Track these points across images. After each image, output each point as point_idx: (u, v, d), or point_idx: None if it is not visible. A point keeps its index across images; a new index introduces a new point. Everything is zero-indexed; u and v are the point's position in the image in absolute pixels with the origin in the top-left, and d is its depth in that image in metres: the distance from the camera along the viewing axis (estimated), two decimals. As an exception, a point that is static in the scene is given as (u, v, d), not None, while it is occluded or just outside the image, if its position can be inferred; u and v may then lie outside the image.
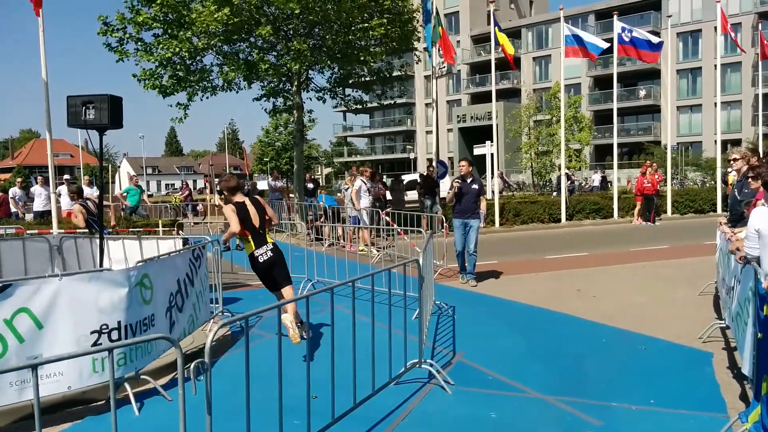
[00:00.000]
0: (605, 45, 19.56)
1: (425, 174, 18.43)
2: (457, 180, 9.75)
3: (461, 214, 9.70)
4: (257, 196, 6.65)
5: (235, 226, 6.11)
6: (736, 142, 40.75)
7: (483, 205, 10.01)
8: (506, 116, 40.59)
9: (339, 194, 16.62)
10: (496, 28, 18.25)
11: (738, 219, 7.17)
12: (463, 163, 9.92)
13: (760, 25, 25.35)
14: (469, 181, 9.75)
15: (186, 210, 25.15)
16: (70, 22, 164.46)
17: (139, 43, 16.01)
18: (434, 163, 18.51)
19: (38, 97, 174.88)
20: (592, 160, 48.02)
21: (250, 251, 6.26)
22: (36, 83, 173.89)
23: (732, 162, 8.20)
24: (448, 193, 9.90)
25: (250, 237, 6.22)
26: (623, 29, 20.38)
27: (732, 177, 12.18)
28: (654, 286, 9.50)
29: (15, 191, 17.42)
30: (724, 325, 6.39)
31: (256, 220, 6.25)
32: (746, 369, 4.46)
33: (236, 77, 16.45)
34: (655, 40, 20.32)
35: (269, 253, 6.27)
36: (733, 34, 22.75)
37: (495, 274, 10.92)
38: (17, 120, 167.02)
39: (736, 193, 7.53)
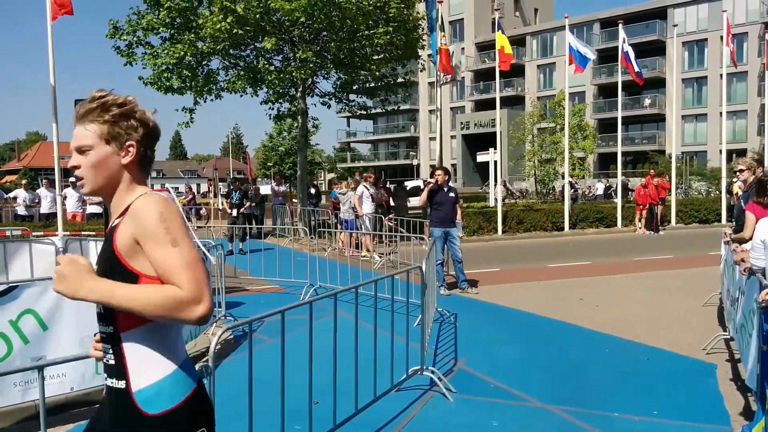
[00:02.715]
0: (592, 56, 19.61)
1: (428, 180, 18.43)
2: (428, 182, 9.73)
3: (441, 223, 9.65)
4: None
5: None
6: (742, 152, 40.65)
7: (459, 214, 10.04)
8: (510, 124, 40.59)
9: (334, 199, 16.65)
10: (499, 31, 18.25)
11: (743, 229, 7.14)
12: (439, 172, 9.89)
13: (766, 35, 25.29)
14: (446, 189, 9.75)
15: (190, 214, 25.20)
16: (78, 24, 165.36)
17: (147, 47, 16.14)
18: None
19: (45, 100, 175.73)
20: (596, 169, 47.98)
21: None
22: (43, 85, 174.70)
23: (738, 173, 8.18)
24: (423, 189, 9.88)
25: None
26: (624, 40, 20.45)
27: (737, 187, 12.16)
28: (657, 296, 9.48)
29: (19, 192, 17.21)
30: (728, 337, 6.37)
31: None
32: (750, 381, 4.44)
33: (242, 86, 16.50)
34: (636, 68, 20.48)
35: None
36: (732, 46, 22.66)
37: (497, 281, 10.91)
38: (24, 122, 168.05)
39: (742, 204, 7.51)
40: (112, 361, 1.91)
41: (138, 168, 1.98)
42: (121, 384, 1.87)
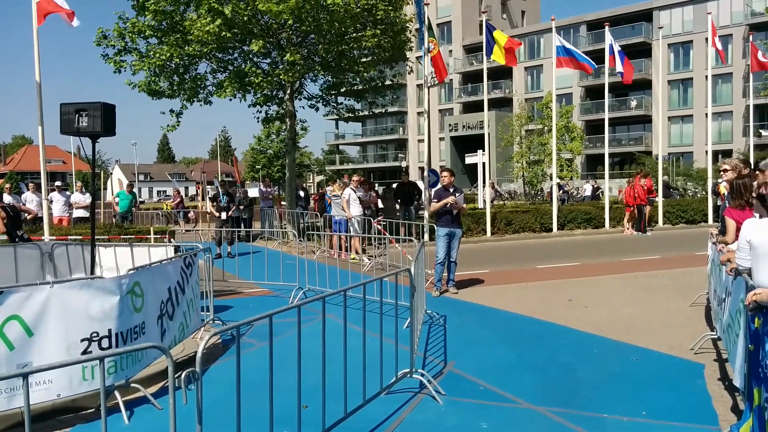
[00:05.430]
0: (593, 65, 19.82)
1: (402, 181, 18.32)
2: (442, 190, 9.96)
3: (447, 223, 9.85)
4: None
5: None
6: (727, 153, 41.04)
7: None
8: (498, 125, 40.79)
9: (328, 198, 16.59)
10: (497, 30, 18.29)
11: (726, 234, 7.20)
12: (445, 174, 10.20)
13: (750, 37, 25.54)
14: (452, 191, 9.96)
15: (177, 217, 25.07)
16: (64, 27, 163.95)
17: (135, 53, 16.03)
18: (426, 172, 18.54)
19: (31, 103, 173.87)
20: (583, 170, 48.24)
21: None
22: (29, 89, 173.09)
23: (722, 173, 8.25)
24: (434, 201, 10.01)
25: None
26: (613, 41, 20.59)
27: (723, 187, 12.25)
28: (645, 296, 9.53)
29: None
30: (716, 337, 6.41)
31: None
32: (737, 381, 4.47)
33: (232, 92, 16.39)
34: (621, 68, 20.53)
35: None
36: (719, 47, 22.85)
37: (486, 283, 10.93)
38: (9, 126, 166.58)
39: (726, 205, 7.57)
40: None
41: None
42: None
